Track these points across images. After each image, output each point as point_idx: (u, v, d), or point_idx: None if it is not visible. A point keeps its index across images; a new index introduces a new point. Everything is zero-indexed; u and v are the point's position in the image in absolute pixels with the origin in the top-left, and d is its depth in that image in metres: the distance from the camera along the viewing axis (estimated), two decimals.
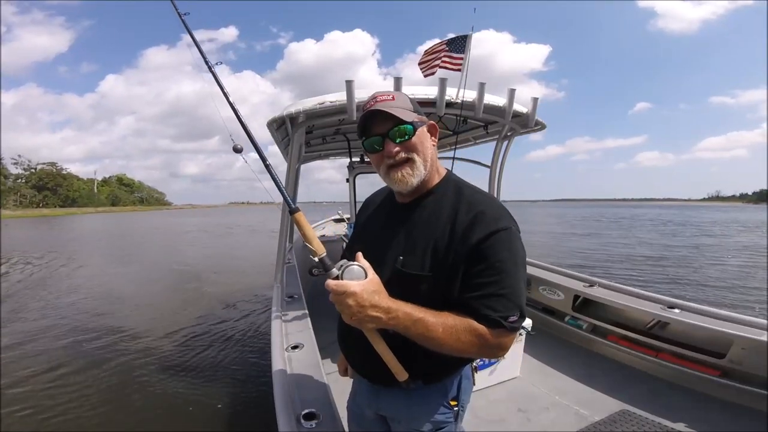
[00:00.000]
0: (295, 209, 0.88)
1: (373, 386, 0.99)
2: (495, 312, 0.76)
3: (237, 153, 1.01)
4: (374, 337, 0.80)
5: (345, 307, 0.74)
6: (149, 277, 8.57)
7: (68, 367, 3.73)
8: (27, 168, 76.82)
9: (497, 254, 0.78)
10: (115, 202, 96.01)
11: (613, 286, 2.80)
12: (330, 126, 2.92)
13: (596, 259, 10.98)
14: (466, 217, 0.81)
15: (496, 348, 0.79)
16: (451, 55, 2.40)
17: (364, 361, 0.96)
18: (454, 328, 0.76)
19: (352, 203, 4.03)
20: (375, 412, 1.02)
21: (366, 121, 0.87)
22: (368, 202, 1.12)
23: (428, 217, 0.87)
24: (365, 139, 0.89)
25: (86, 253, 12.67)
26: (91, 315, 5.54)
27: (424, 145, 0.87)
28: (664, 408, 2.01)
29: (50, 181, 75.99)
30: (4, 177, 68.40)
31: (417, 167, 0.85)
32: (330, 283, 0.74)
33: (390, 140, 0.85)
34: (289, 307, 2.14)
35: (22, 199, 69.19)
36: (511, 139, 3.03)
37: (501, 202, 0.87)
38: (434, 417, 0.93)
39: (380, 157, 0.87)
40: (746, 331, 2.00)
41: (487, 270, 0.78)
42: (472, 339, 0.76)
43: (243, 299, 6.24)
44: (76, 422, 2.82)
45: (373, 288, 0.75)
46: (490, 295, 0.77)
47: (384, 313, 0.74)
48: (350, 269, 0.76)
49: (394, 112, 0.82)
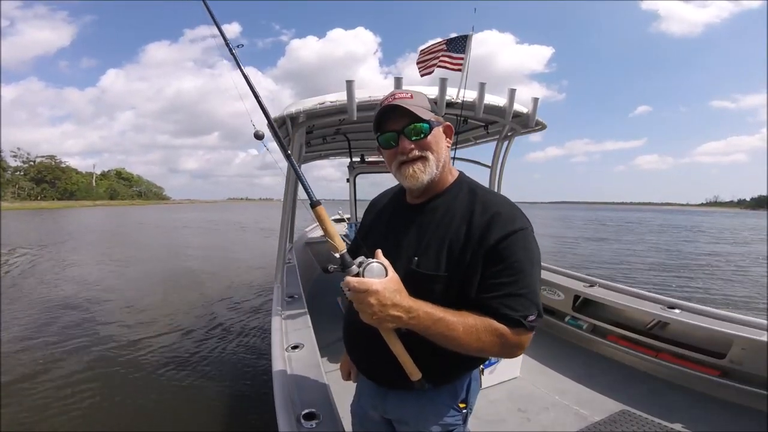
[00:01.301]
0: (316, 202, 0.85)
1: (380, 388, 0.97)
2: (515, 312, 0.76)
3: (258, 140, 1.00)
4: (391, 337, 0.79)
5: (366, 306, 0.72)
6: (147, 276, 8.56)
7: (67, 367, 3.72)
8: (26, 161, 76.92)
9: (515, 254, 0.78)
10: (114, 196, 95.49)
11: (613, 286, 2.80)
12: (330, 126, 2.93)
13: (626, 268, 10.13)
14: (482, 218, 0.82)
15: (516, 347, 0.79)
16: (450, 54, 2.40)
17: (372, 362, 0.95)
18: (474, 327, 0.75)
19: (352, 203, 4.04)
20: (381, 414, 1.00)
21: (382, 117, 0.87)
22: (374, 203, 1.11)
23: (442, 217, 0.87)
24: (380, 134, 0.89)
25: (80, 249, 12.66)
26: (90, 314, 5.53)
27: (438, 145, 0.87)
28: (664, 408, 2.01)
29: (49, 174, 75.78)
30: (3, 169, 68.30)
31: (429, 165, 0.86)
32: (351, 281, 0.72)
33: (405, 137, 0.85)
34: (289, 307, 2.14)
35: (20, 191, 69.05)
36: (511, 139, 3.04)
37: (514, 203, 0.87)
38: (443, 419, 0.92)
39: (394, 153, 0.87)
40: (746, 331, 2.01)
41: (505, 270, 0.78)
42: (493, 339, 0.76)
43: (243, 299, 6.24)
44: (76, 422, 2.82)
45: (395, 287, 0.73)
46: (509, 295, 0.77)
47: (405, 312, 0.73)
48: (371, 267, 0.74)
49: (411, 109, 0.82)
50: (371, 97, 2.09)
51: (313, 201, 0.86)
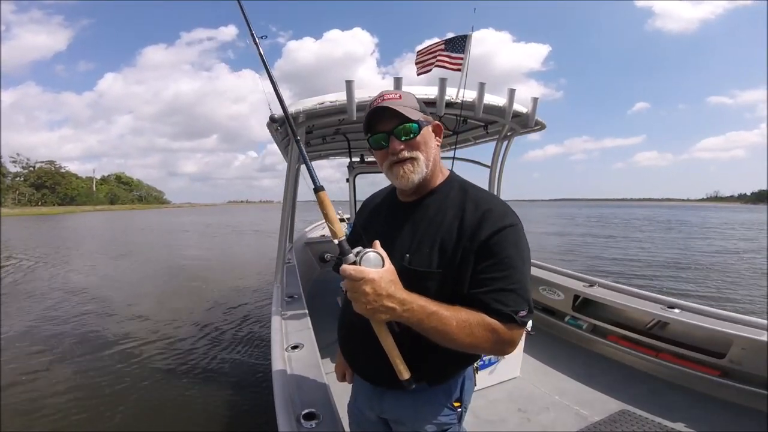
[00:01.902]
0: (319, 187, 0.85)
1: (376, 389, 0.98)
2: (506, 306, 0.77)
3: (274, 123, 0.99)
4: (382, 330, 0.78)
5: (361, 295, 0.71)
6: (147, 277, 8.56)
7: (65, 368, 3.72)
8: (26, 166, 77.14)
9: (505, 250, 0.79)
10: (114, 201, 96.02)
11: (613, 286, 2.80)
12: (330, 126, 2.92)
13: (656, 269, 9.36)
14: (473, 215, 0.83)
15: (508, 343, 0.79)
16: (449, 54, 2.39)
17: (367, 362, 0.95)
18: (467, 322, 0.75)
19: (352, 203, 4.03)
20: (377, 414, 1.01)
21: (372, 118, 0.88)
22: (367, 202, 1.12)
23: (434, 215, 0.88)
24: (370, 135, 0.90)
25: (83, 254, 12.66)
26: (88, 314, 5.53)
27: (428, 145, 0.88)
28: (664, 408, 2.01)
29: (49, 180, 76.01)
30: (3, 175, 68.43)
31: (419, 165, 0.87)
32: (347, 268, 0.72)
33: (395, 137, 0.86)
34: (289, 307, 2.14)
35: (20, 197, 69.21)
36: (511, 139, 3.04)
37: (504, 201, 0.89)
38: (438, 419, 0.93)
39: (384, 154, 0.89)
40: (746, 331, 2.01)
41: (496, 265, 0.79)
42: (486, 333, 0.76)
43: (242, 299, 6.24)
44: (76, 422, 2.82)
45: (390, 277, 0.74)
46: (500, 290, 0.78)
47: (399, 304, 0.73)
48: (368, 256, 0.74)
49: (400, 110, 0.84)
50: (371, 97, 2.08)
51: (317, 185, 0.85)
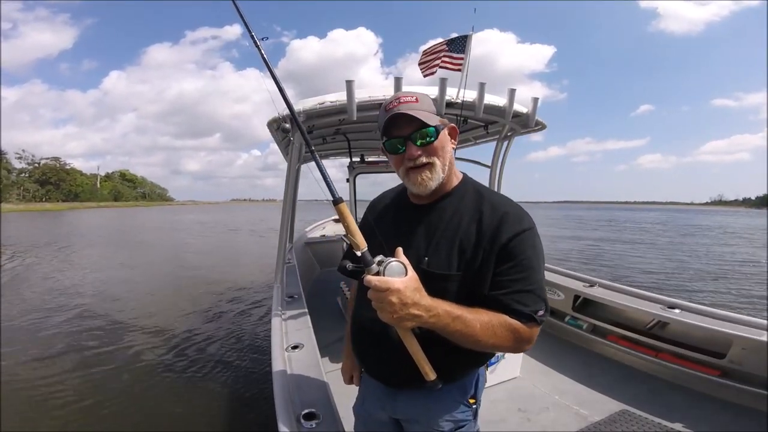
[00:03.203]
0: (338, 199, 0.83)
1: (389, 389, 0.97)
2: (526, 307, 0.79)
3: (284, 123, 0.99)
4: (408, 337, 0.78)
5: (387, 305, 0.71)
6: (148, 276, 8.56)
7: (65, 368, 3.72)
8: (30, 162, 77.14)
9: (524, 252, 0.82)
10: (118, 198, 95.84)
11: (613, 286, 2.80)
12: (330, 126, 2.92)
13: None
14: (491, 218, 0.84)
15: (527, 341, 0.82)
16: (451, 55, 2.40)
17: (381, 363, 0.95)
18: (489, 323, 0.77)
19: (352, 203, 4.04)
20: (389, 415, 1.00)
21: (389, 122, 0.87)
22: (375, 203, 1.11)
23: (450, 218, 0.89)
24: (387, 140, 0.89)
25: (86, 252, 12.66)
26: (88, 313, 5.53)
27: (444, 149, 0.89)
28: (664, 408, 2.01)
29: (53, 176, 76.05)
30: (8, 171, 68.48)
31: (436, 170, 0.87)
32: (372, 279, 0.72)
33: (412, 143, 0.86)
34: (289, 307, 2.14)
35: (25, 193, 69.27)
36: (511, 139, 3.04)
37: (518, 204, 0.90)
38: (454, 415, 0.93)
39: (401, 159, 0.88)
40: (746, 331, 2.01)
41: (515, 267, 0.81)
42: (507, 334, 0.79)
43: (243, 299, 6.24)
44: (76, 422, 2.82)
45: (415, 285, 0.74)
46: (520, 291, 0.80)
47: (425, 311, 0.73)
48: (391, 266, 0.73)
49: (418, 115, 0.83)
50: (371, 97, 2.09)
51: (336, 197, 0.84)
